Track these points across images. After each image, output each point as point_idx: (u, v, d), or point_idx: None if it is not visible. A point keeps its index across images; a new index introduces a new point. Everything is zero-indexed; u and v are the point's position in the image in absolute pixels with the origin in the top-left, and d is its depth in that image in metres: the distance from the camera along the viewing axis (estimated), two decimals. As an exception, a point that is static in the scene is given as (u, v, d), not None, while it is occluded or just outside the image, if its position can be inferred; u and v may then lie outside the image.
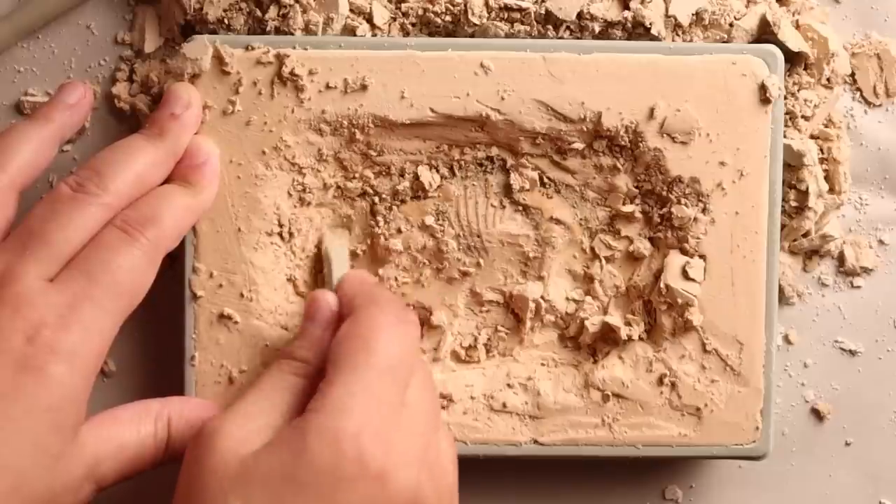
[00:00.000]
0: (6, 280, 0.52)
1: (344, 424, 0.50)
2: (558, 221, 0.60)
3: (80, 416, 0.52)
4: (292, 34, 0.59)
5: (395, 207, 0.60)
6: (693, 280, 0.59)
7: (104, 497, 0.56)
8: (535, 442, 0.60)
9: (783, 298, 0.63)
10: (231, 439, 0.51)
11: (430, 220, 0.60)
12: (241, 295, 0.59)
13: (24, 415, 0.50)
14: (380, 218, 0.60)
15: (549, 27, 0.59)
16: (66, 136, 0.58)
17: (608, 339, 0.60)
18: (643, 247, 0.60)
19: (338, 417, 0.50)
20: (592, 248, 0.61)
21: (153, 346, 0.62)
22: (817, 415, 0.64)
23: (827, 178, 0.62)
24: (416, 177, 0.60)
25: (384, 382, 0.51)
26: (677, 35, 0.60)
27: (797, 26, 0.61)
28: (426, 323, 0.61)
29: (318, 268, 0.60)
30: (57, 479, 0.51)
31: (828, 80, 0.61)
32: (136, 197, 0.55)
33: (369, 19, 0.59)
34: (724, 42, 0.60)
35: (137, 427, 0.55)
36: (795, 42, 0.60)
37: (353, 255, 0.61)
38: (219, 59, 0.58)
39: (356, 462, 0.50)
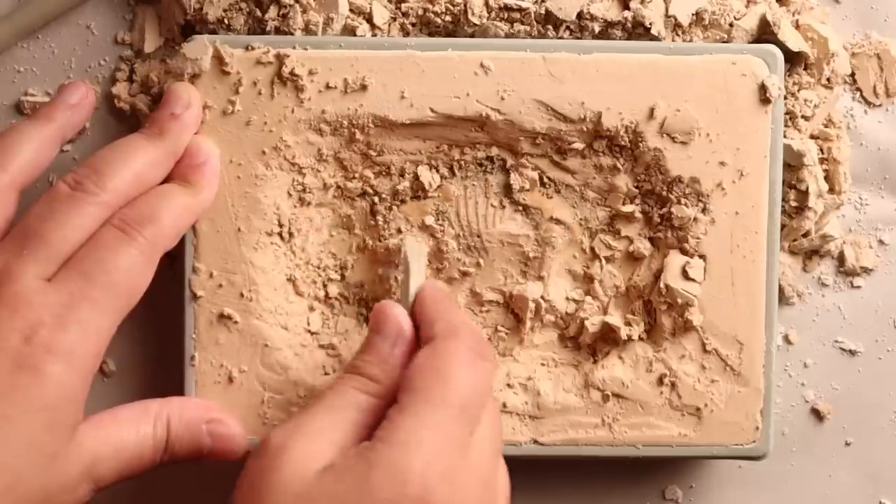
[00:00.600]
0: (4, 279, 0.52)
1: (411, 460, 0.49)
2: (558, 221, 0.60)
3: (77, 415, 0.52)
4: (292, 34, 0.59)
5: (395, 207, 0.60)
6: (693, 280, 0.59)
7: (104, 497, 0.56)
8: (535, 442, 0.60)
9: (783, 298, 0.63)
10: (297, 457, 0.50)
11: (430, 220, 0.60)
12: (241, 295, 0.59)
13: (20, 413, 0.50)
14: (380, 218, 0.60)
15: (549, 27, 0.59)
16: (67, 136, 0.58)
17: (608, 339, 0.60)
18: (643, 247, 0.60)
19: (405, 452, 0.49)
20: (592, 248, 0.61)
21: (153, 346, 0.62)
22: (817, 415, 0.64)
23: (827, 178, 0.62)
24: (416, 177, 0.60)
25: (456, 421, 0.50)
26: (677, 35, 0.60)
27: (797, 26, 0.61)
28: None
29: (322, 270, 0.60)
30: (53, 479, 0.51)
31: (828, 80, 0.61)
32: (134, 196, 0.55)
33: (369, 19, 0.59)
34: (724, 42, 0.60)
35: (136, 427, 0.55)
36: (795, 42, 0.60)
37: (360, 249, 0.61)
38: (219, 59, 0.58)
39: (419, 500, 0.48)
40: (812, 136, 0.61)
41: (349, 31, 0.59)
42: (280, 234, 0.59)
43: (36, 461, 0.51)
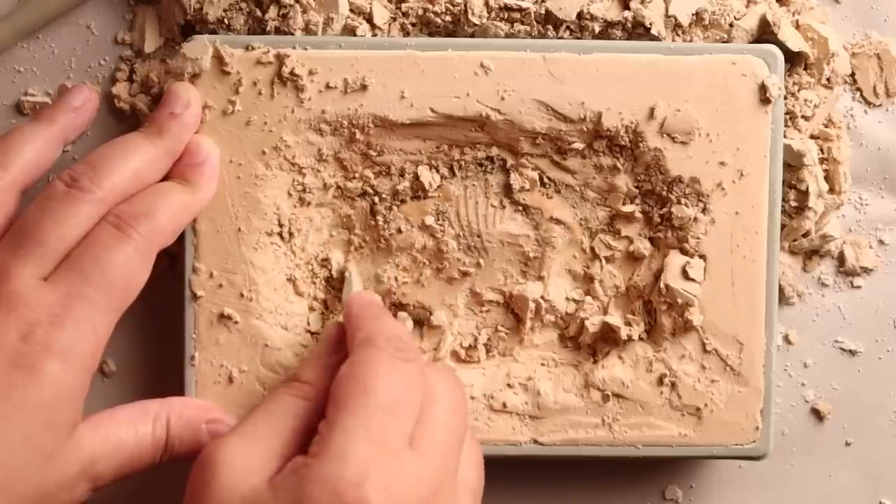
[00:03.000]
0: (1, 279, 0.52)
1: (343, 472, 0.48)
2: (558, 221, 0.60)
3: (75, 414, 0.52)
4: (292, 34, 0.59)
5: (395, 207, 0.60)
6: (693, 280, 0.59)
7: (102, 497, 0.56)
8: (535, 442, 0.60)
9: (783, 298, 0.63)
10: (234, 469, 0.50)
11: (430, 220, 0.60)
12: (241, 295, 0.59)
13: (17, 412, 0.51)
14: (380, 218, 0.60)
15: (549, 27, 0.59)
16: (69, 139, 0.58)
17: (608, 339, 0.60)
18: (643, 247, 0.60)
19: (337, 465, 0.49)
20: (592, 248, 0.61)
21: (153, 346, 0.62)
22: (817, 415, 0.64)
23: (827, 178, 0.62)
24: (416, 177, 0.60)
25: (384, 426, 0.50)
26: (677, 35, 0.60)
27: (797, 26, 0.61)
28: (426, 323, 0.61)
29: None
30: (50, 477, 0.51)
31: (828, 80, 0.61)
32: (131, 194, 0.55)
33: (369, 19, 0.59)
34: (724, 42, 0.60)
35: (135, 427, 0.55)
36: (795, 42, 0.60)
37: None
38: (219, 59, 0.58)
39: None
40: (812, 136, 0.61)
41: (349, 31, 0.59)
42: (280, 234, 0.59)
43: (33, 460, 0.51)
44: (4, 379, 0.51)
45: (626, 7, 0.59)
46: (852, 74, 0.63)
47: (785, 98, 0.59)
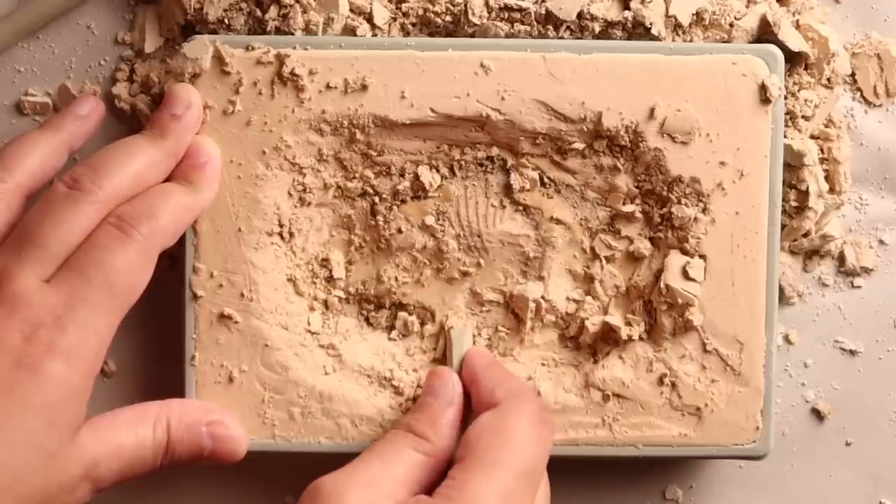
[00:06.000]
0: (3, 281, 0.53)
1: None
2: (558, 221, 0.60)
3: (78, 415, 0.52)
4: (292, 34, 0.59)
5: (395, 207, 0.60)
6: (693, 280, 0.59)
7: (103, 498, 0.56)
8: (536, 442, 0.60)
9: (783, 298, 0.63)
10: (344, 501, 0.50)
11: (430, 220, 0.60)
12: (242, 295, 0.59)
13: (20, 412, 0.51)
14: (380, 218, 0.60)
15: (549, 27, 0.59)
16: (75, 146, 0.58)
17: (608, 339, 0.60)
18: (643, 247, 0.60)
19: None
20: (593, 248, 0.61)
21: (153, 346, 0.62)
22: (817, 415, 0.64)
23: (827, 178, 0.62)
24: (417, 177, 0.60)
25: (521, 486, 0.51)
26: (677, 35, 0.60)
27: (797, 26, 0.61)
28: (426, 323, 0.61)
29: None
30: (53, 479, 0.51)
31: (828, 80, 0.61)
32: (133, 195, 0.55)
33: (369, 19, 0.59)
34: (724, 42, 0.60)
35: (136, 430, 0.55)
36: (795, 42, 0.60)
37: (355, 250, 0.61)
38: (219, 59, 0.58)
39: None
40: (812, 136, 0.61)
41: (349, 31, 0.59)
42: (280, 234, 0.59)
43: (36, 460, 0.51)
44: (8, 379, 0.51)
45: (627, 7, 0.59)
46: (852, 74, 0.63)
47: (785, 98, 0.59)
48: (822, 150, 0.62)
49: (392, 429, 0.56)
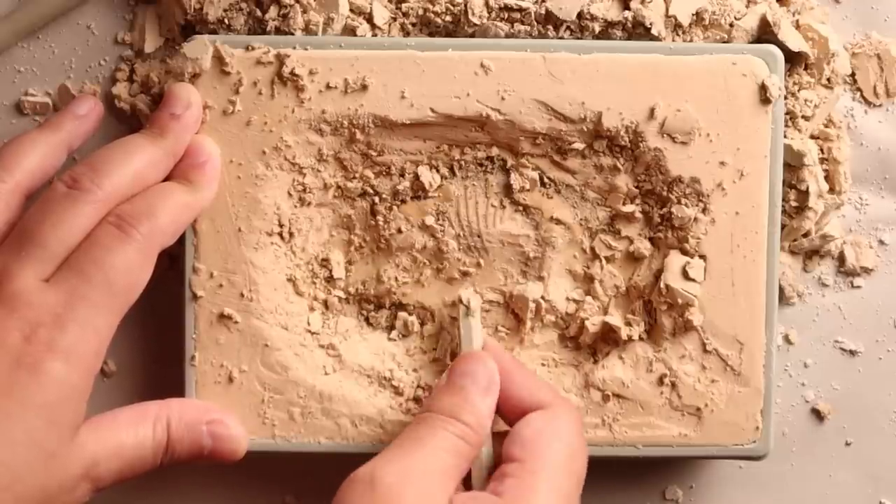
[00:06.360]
0: (3, 280, 0.53)
1: None
2: (558, 221, 0.60)
3: (78, 415, 0.52)
4: (292, 34, 0.59)
5: (395, 207, 0.60)
6: (693, 280, 0.59)
7: (103, 497, 0.56)
8: (536, 442, 0.59)
9: (783, 298, 0.63)
10: (402, 498, 0.50)
11: (430, 220, 0.60)
12: (241, 295, 0.59)
13: (20, 410, 0.51)
14: (380, 218, 0.60)
15: (549, 27, 0.59)
16: (74, 146, 0.58)
17: (608, 339, 0.60)
18: (643, 247, 0.60)
19: None
20: (592, 248, 0.61)
21: (153, 346, 0.62)
22: (817, 415, 0.64)
23: (827, 178, 0.62)
24: (417, 177, 0.60)
25: (575, 492, 0.53)
26: (677, 35, 0.60)
27: (797, 26, 0.61)
28: (426, 323, 0.61)
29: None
30: (52, 478, 0.51)
31: (828, 80, 0.61)
32: (132, 195, 0.55)
33: (369, 19, 0.59)
34: (724, 42, 0.60)
35: (135, 429, 0.55)
36: (795, 42, 0.60)
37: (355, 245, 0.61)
38: (219, 59, 0.58)
39: None
40: (812, 136, 0.61)
41: (349, 31, 0.59)
42: (280, 234, 0.59)
43: (36, 459, 0.51)
44: (8, 378, 0.51)
45: (627, 7, 0.59)
46: (852, 74, 0.63)
47: (785, 98, 0.59)
48: (822, 150, 0.62)
49: (427, 412, 0.55)
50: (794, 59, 0.60)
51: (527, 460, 0.52)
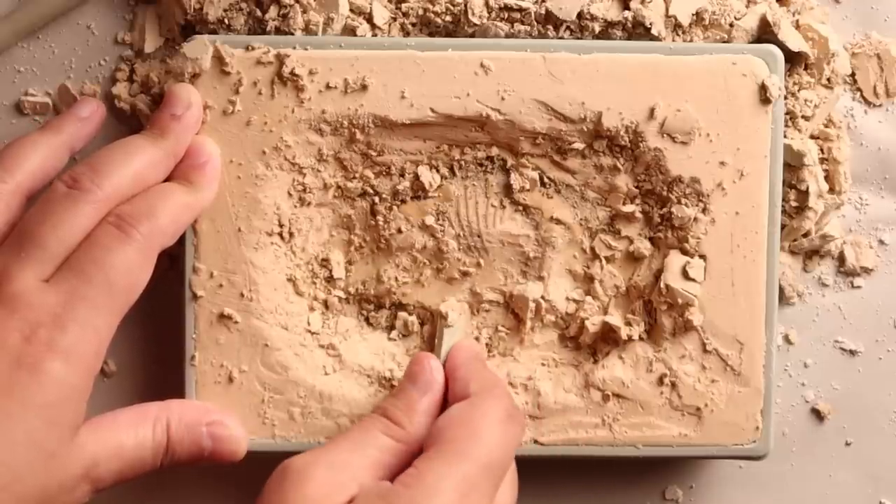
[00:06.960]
0: (3, 280, 0.53)
1: None
2: (558, 221, 0.60)
3: (78, 415, 0.52)
4: (292, 34, 0.59)
5: (395, 207, 0.60)
6: (693, 280, 0.59)
7: (103, 498, 0.56)
8: (535, 442, 0.60)
9: (783, 298, 0.63)
10: (319, 487, 0.50)
11: (430, 220, 0.60)
12: (241, 295, 0.59)
13: (20, 410, 0.51)
14: (380, 218, 0.60)
15: (549, 27, 0.59)
16: (75, 147, 0.58)
17: (608, 339, 0.60)
18: (643, 247, 0.60)
19: (426, 498, 0.49)
20: (592, 248, 0.61)
21: (153, 346, 0.62)
22: (817, 415, 0.64)
23: (827, 178, 0.62)
24: (417, 177, 0.60)
25: (483, 479, 0.51)
26: (677, 35, 0.60)
27: (797, 26, 0.61)
28: (426, 323, 0.61)
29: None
30: (52, 478, 0.51)
31: (828, 80, 0.61)
32: (132, 195, 0.55)
33: (369, 19, 0.59)
34: (724, 42, 0.60)
35: (135, 430, 0.55)
36: (795, 42, 0.60)
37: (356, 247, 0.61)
38: (219, 59, 0.58)
39: None
40: (812, 136, 0.61)
41: (349, 31, 0.59)
42: (280, 234, 0.59)
43: (36, 459, 0.51)
44: (8, 378, 0.51)
45: (627, 7, 0.59)
46: (852, 74, 0.63)
47: (785, 98, 0.59)
48: (822, 150, 0.62)
49: (368, 413, 0.56)
50: (794, 59, 0.60)
51: (430, 448, 0.52)
